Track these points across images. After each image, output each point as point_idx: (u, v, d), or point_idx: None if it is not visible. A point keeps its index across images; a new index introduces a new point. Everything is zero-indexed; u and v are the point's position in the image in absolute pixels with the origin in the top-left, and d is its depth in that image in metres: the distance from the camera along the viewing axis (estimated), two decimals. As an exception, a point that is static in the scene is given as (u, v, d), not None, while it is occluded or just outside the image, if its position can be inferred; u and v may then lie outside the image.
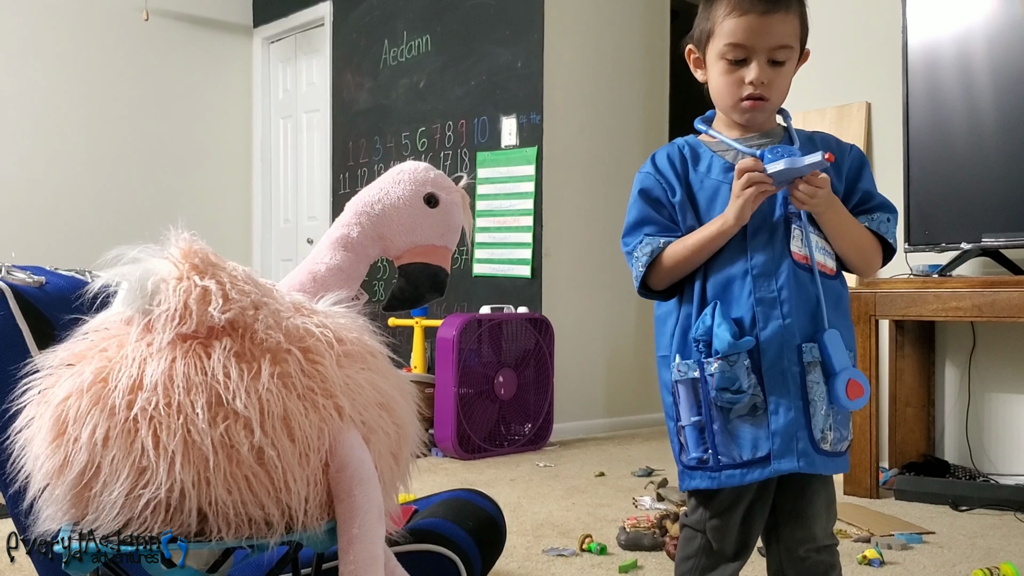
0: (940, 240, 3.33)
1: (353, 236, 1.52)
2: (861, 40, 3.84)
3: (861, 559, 2.44)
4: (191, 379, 1.12)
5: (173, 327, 1.14)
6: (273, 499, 1.13)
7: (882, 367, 3.46)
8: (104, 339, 1.21)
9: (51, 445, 1.14)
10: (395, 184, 1.54)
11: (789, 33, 1.42)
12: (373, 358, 1.31)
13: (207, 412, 1.11)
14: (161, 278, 1.17)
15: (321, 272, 1.49)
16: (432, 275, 1.58)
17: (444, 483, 3.42)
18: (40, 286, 1.52)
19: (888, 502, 3.20)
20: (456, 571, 1.66)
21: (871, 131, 3.78)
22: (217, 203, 6.55)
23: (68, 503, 1.14)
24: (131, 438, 1.10)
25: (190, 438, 1.10)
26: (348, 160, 5.96)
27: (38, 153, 5.76)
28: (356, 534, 1.19)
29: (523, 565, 2.40)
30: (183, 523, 1.11)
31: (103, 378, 1.14)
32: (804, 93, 4.03)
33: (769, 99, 1.45)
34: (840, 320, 1.45)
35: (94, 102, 5.98)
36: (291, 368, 1.18)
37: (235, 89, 6.67)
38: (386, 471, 1.28)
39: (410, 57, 5.48)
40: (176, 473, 1.09)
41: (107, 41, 6.03)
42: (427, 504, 1.89)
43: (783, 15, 1.41)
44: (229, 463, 1.11)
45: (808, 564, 1.49)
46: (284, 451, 1.13)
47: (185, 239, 1.21)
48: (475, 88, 5.06)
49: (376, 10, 5.73)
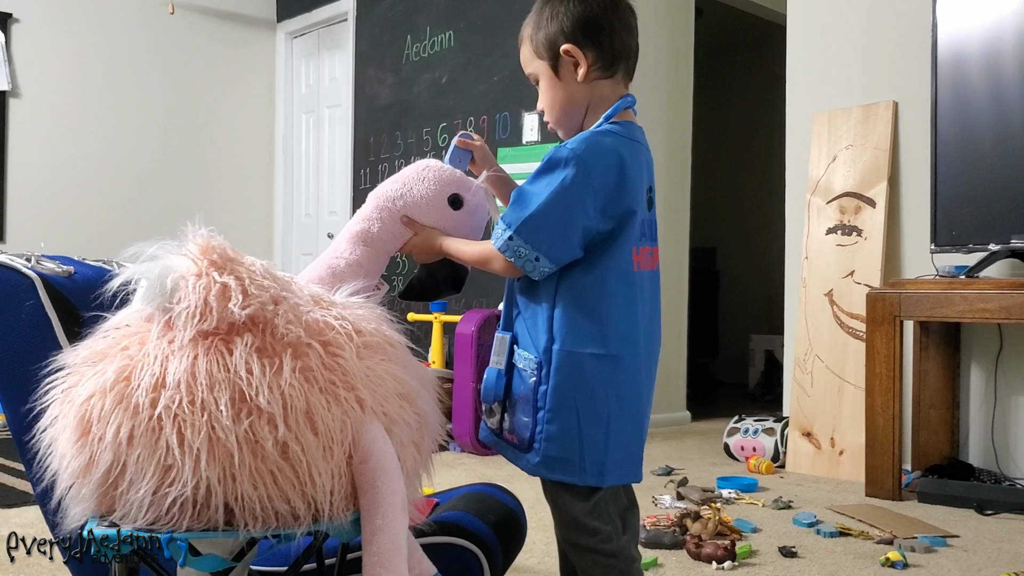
0: (967, 241, 3.29)
1: (373, 231, 1.52)
2: (888, 38, 3.80)
3: (884, 561, 2.42)
4: (214, 376, 1.12)
5: (194, 324, 1.14)
6: (299, 493, 1.13)
7: (906, 368, 3.43)
8: (125, 337, 1.21)
9: (76, 444, 1.14)
10: (419, 181, 1.53)
11: (525, 59, 1.57)
12: (392, 348, 1.31)
13: (231, 408, 1.11)
14: (180, 275, 1.17)
15: (340, 267, 1.49)
16: (453, 273, 1.59)
17: (463, 478, 3.42)
18: (69, 276, 1.53)
19: (911, 504, 3.17)
20: (479, 564, 1.65)
21: (897, 130, 3.74)
22: (239, 197, 6.57)
23: (95, 502, 1.15)
24: (155, 436, 1.10)
25: (214, 435, 1.10)
26: (369, 155, 5.96)
27: (62, 146, 5.81)
28: (379, 525, 1.19)
29: (543, 561, 2.39)
30: (210, 519, 1.11)
31: (126, 377, 1.14)
32: (829, 92, 4.00)
33: (546, 116, 1.56)
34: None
35: (119, 94, 6.01)
36: (312, 362, 1.18)
37: (258, 84, 6.69)
38: (409, 461, 1.28)
39: (433, 53, 5.48)
40: (202, 470, 1.09)
41: (133, 34, 6.06)
42: (448, 497, 1.89)
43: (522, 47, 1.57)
44: (254, 459, 1.10)
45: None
46: (308, 445, 1.13)
47: (203, 235, 1.21)
48: (497, 84, 5.05)
49: (399, 6, 5.73)
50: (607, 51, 1.48)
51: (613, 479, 1.46)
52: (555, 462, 1.44)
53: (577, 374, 1.42)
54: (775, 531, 2.76)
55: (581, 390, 1.42)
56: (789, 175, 4.17)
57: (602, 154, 1.41)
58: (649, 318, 1.51)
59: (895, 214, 3.73)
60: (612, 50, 1.49)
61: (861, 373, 3.47)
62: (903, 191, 3.72)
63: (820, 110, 4.00)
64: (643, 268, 1.48)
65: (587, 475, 1.44)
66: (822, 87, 4.04)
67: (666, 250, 3.59)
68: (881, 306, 3.28)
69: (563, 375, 1.42)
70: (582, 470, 1.43)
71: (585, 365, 1.42)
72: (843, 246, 3.79)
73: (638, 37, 1.55)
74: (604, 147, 1.42)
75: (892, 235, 3.72)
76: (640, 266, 1.47)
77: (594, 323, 1.42)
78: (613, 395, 1.44)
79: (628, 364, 1.45)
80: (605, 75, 1.50)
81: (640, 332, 1.47)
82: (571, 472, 1.44)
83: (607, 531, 1.47)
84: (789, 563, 2.42)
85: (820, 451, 3.72)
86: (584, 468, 1.43)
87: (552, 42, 1.49)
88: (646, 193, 1.49)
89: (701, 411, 5.40)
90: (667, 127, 5.12)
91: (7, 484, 3.23)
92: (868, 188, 3.76)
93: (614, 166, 1.42)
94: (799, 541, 2.63)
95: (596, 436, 1.43)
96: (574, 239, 1.40)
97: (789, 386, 4.00)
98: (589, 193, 1.39)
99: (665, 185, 4.88)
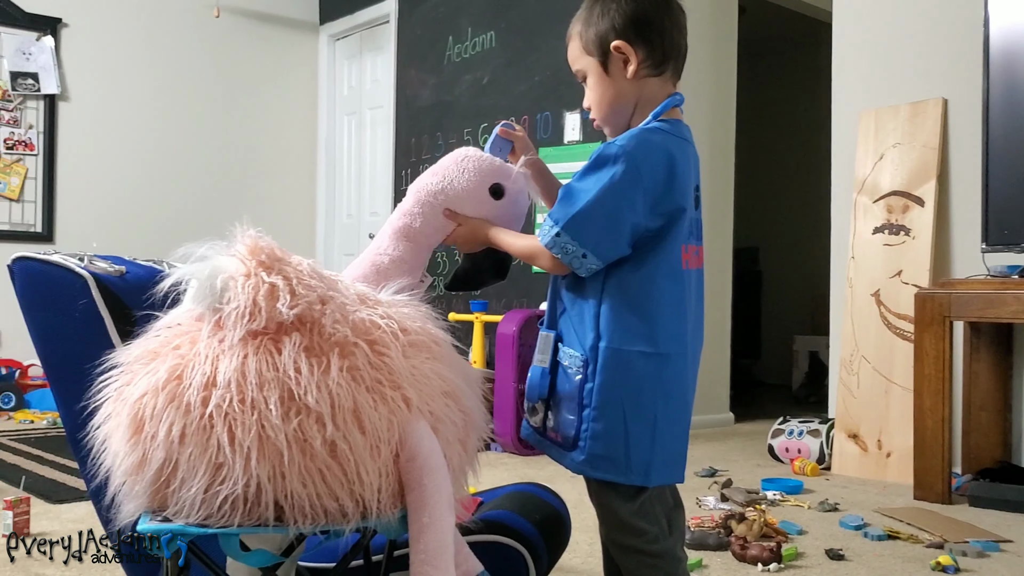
0: (1019, 240, 3.22)
1: (415, 226, 1.52)
2: (937, 34, 3.74)
3: (935, 565, 2.37)
4: (263, 375, 1.13)
5: (243, 324, 1.15)
6: (347, 491, 1.14)
7: (956, 370, 3.37)
8: (177, 336, 1.22)
9: (129, 442, 1.16)
10: (459, 173, 1.52)
11: (573, 56, 1.54)
12: (437, 347, 1.31)
13: (280, 407, 1.12)
14: (229, 275, 1.18)
15: (384, 264, 1.49)
16: (498, 261, 1.58)
17: (506, 477, 3.42)
18: (121, 275, 1.56)
19: (961, 508, 3.11)
20: (524, 563, 1.65)
21: (947, 128, 3.67)
22: (282, 198, 6.64)
23: (147, 499, 1.16)
24: (207, 435, 1.12)
25: (264, 433, 1.11)
26: (411, 156, 5.99)
27: (110, 148, 5.91)
28: (426, 523, 1.20)
29: (586, 561, 2.38)
30: (260, 516, 1.12)
31: (177, 375, 1.16)
32: (876, 89, 3.94)
33: (592, 113, 1.55)
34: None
35: (165, 97, 6.11)
36: (359, 361, 1.19)
37: (301, 85, 6.75)
38: (454, 458, 1.29)
39: (474, 53, 5.49)
40: (252, 468, 1.10)
41: (179, 38, 6.15)
42: (492, 496, 1.89)
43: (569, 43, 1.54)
44: (303, 457, 1.11)
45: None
46: (356, 444, 1.14)
47: (251, 235, 1.22)
48: (539, 84, 5.05)
49: (441, 7, 5.75)
50: (657, 49, 1.48)
51: (659, 479, 1.45)
52: (600, 461, 1.43)
53: (624, 372, 1.41)
54: (821, 533, 2.72)
55: (628, 388, 1.41)
56: (835, 174, 4.12)
57: (652, 151, 1.40)
58: (695, 317, 1.50)
59: (944, 213, 3.67)
60: (662, 48, 1.48)
61: (909, 374, 3.42)
62: (952, 189, 3.66)
63: (867, 108, 3.94)
64: (691, 267, 1.47)
65: (633, 474, 1.42)
66: (869, 85, 3.98)
67: (709, 249, 3.55)
68: (930, 306, 3.22)
69: (610, 373, 1.41)
70: (628, 469, 1.42)
71: (633, 363, 1.41)
72: (890, 245, 3.73)
73: (686, 37, 1.54)
74: (653, 144, 1.41)
75: (941, 234, 3.66)
76: (688, 264, 1.46)
77: (643, 321, 1.41)
78: (660, 394, 1.42)
79: (676, 363, 1.44)
80: (654, 73, 1.49)
81: (688, 331, 1.46)
82: (617, 471, 1.43)
83: (653, 532, 1.46)
84: (836, 566, 2.39)
85: (867, 453, 3.67)
86: (630, 467, 1.42)
87: (603, 39, 1.48)
88: (693, 192, 1.48)
89: (744, 412, 5.35)
90: (710, 126, 5.08)
91: (59, 480, 3.29)
92: (916, 187, 3.70)
93: (663, 163, 1.41)
94: (846, 544, 2.60)
95: (642, 435, 1.42)
96: (622, 236, 1.39)
97: (835, 387, 3.94)
98: (638, 190, 1.38)
99: (709, 184, 4.85)
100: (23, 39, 5.60)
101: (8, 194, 5.55)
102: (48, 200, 5.68)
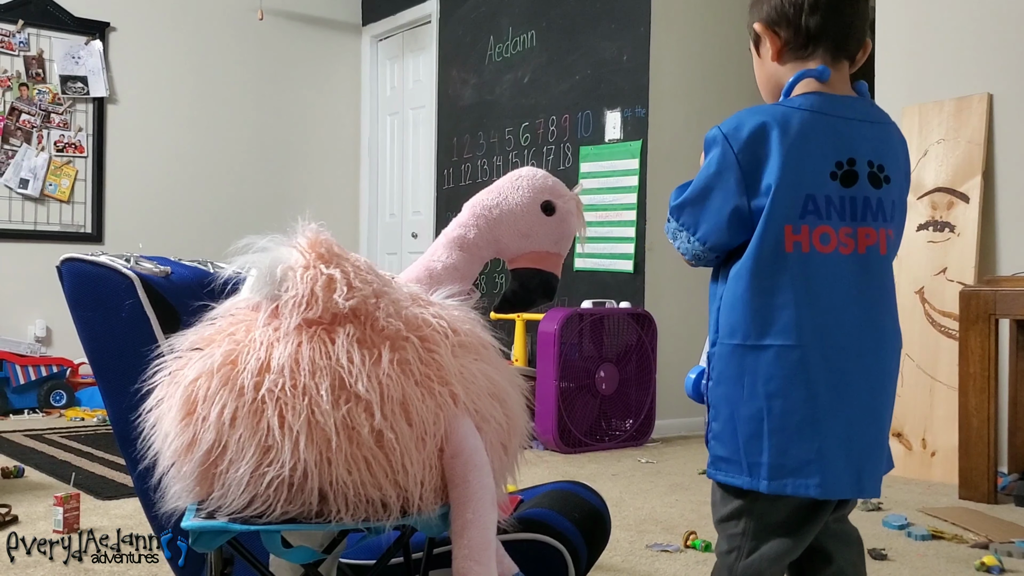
0: (1067, 236, 3.18)
1: (470, 237, 1.58)
2: (983, 28, 3.69)
3: (979, 565, 2.36)
4: (316, 363, 1.16)
5: (300, 312, 1.19)
6: (391, 481, 1.16)
7: (1002, 368, 3.33)
8: (232, 324, 1.26)
9: (180, 424, 1.19)
10: (514, 190, 1.59)
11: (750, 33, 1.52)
12: (485, 350, 1.35)
13: (330, 394, 1.15)
14: (289, 266, 1.22)
15: (437, 269, 1.55)
16: (545, 281, 1.63)
17: (546, 475, 3.44)
18: (166, 276, 1.60)
19: (1007, 508, 3.07)
20: (563, 562, 1.67)
21: (992, 124, 3.63)
22: (326, 197, 6.71)
23: (195, 480, 1.19)
24: (258, 418, 1.15)
25: (314, 419, 1.14)
26: (452, 155, 6.03)
27: (158, 149, 6.02)
28: (470, 519, 1.22)
29: (627, 559, 2.40)
30: (304, 502, 1.15)
31: (232, 360, 1.19)
32: (919, 84, 3.90)
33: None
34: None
35: (211, 99, 6.21)
36: (409, 355, 1.22)
37: (344, 86, 6.82)
38: (496, 461, 1.31)
39: (515, 52, 5.52)
40: (300, 452, 1.13)
41: (224, 40, 6.25)
42: (532, 495, 1.91)
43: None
44: (350, 444, 1.14)
45: None
46: (402, 434, 1.17)
47: (312, 229, 1.26)
48: (579, 82, 5.06)
49: (482, 7, 5.78)
50: (801, 32, 1.40)
51: (779, 486, 1.32)
52: (720, 462, 1.39)
53: (727, 367, 1.37)
54: (864, 533, 2.68)
55: (733, 384, 1.36)
56: (878, 171, 4.08)
57: (742, 126, 1.36)
58: (843, 306, 1.34)
59: (990, 209, 3.62)
60: (807, 31, 1.40)
61: (954, 373, 3.38)
62: (998, 186, 3.61)
63: (910, 103, 3.90)
64: (824, 250, 1.34)
65: (747, 477, 1.35)
66: (913, 80, 3.94)
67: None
68: (975, 304, 3.19)
69: (719, 369, 1.38)
70: (740, 471, 1.36)
71: (733, 357, 1.36)
72: (935, 243, 3.70)
73: (847, 18, 1.42)
74: (745, 120, 1.36)
75: (986, 231, 3.61)
76: (817, 248, 1.34)
77: (741, 311, 1.35)
78: (762, 389, 1.33)
79: (786, 356, 1.32)
80: (799, 55, 1.42)
81: (808, 321, 1.32)
82: (734, 472, 1.37)
83: (726, 547, 1.40)
84: (879, 566, 2.38)
85: (911, 452, 3.64)
86: (741, 468, 1.35)
87: (752, 20, 1.48)
88: (836, 167, 1.36)
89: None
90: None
91: (108, 477, 3.36)
92: (961, 183, 3.66)
93: (755, 138, 1.34)
94: (889, 544, 2.58)
95: (750, 434, 1.34)
96: (722, 220, 1.36)
97: (878, 386, 3.90)
98: (731, 170, 1.34)
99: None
100: (72, 43, 5.73)
101: (59, 196, 5.68)
102: (97, 201, 5.80)
